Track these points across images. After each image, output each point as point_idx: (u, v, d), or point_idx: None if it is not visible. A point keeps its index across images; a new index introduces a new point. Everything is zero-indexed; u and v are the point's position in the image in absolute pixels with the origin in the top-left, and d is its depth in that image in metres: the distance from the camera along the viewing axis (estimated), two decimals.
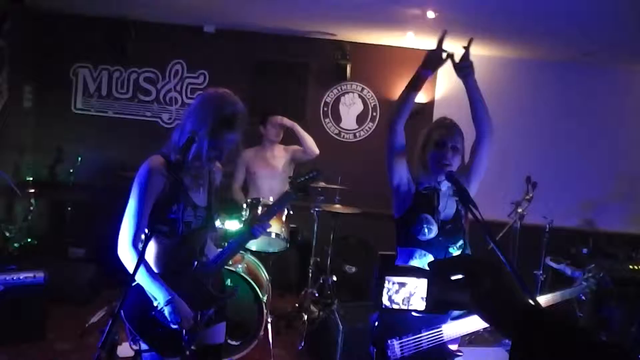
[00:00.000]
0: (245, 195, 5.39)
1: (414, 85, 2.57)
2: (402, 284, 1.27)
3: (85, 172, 5.95)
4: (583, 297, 2.94)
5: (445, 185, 2.67)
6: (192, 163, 2.34)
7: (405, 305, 1.27)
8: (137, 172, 2.33)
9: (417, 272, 1.26)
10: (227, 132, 2.33)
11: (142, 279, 2.28)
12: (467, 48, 2.70)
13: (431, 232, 2.56)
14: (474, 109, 2.69)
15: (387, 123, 2.64)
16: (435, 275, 1.21)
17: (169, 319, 2.28)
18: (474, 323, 2.57)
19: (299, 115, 6.00)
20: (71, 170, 5.75)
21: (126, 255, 2.27)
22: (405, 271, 1.28)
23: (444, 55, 2.56)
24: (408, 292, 1.27)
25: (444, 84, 6.22)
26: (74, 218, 5.83)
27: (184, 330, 2.31)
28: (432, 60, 2.55)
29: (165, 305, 2.26)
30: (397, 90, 6.14)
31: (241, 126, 2.37)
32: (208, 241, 2.58)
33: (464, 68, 2.65)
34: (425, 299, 1.25)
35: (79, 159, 5.82)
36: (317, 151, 5.28)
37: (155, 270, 2.35)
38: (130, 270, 2.20)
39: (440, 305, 1.23)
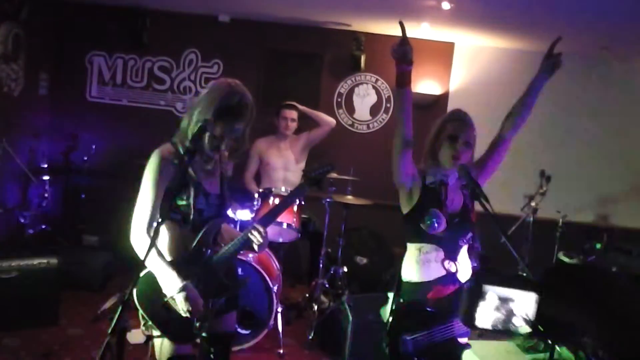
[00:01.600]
0: (258, 185, 5.41)
1: (400, 82, 2.55)
2: (505, 300, 0.97)
3: (99, 159, 5.99)
4: None
5: (452, 179, 2.65)
6: (200, 151, 2.35)
7: (504, 325, 0.95)
8: (148, 160, 2.35)
9: (522, 283, 0.97)
10: (231, 122, 2.33)
11: (154, 266, 2.30)
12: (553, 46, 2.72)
13: (440, 225, 2.55)
14: (523, 111, 2.72)
15: (395, 122, 2.60)
16: (547, 288, 0.88)
17: (180, 307, 2.29)
18: None
19: (312, 106, 5.99)
20: (85, 158, 5.79)
21: (139, 242, 2.29)
22: (509, 281, 0.98)
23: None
24: (509, 310, 0.95)
25: (459, 76, 6.17)
26: (88, 205, 5.88)
27: (195, 318, 2.31)
28: (402, 55, 2.49)
29: (177, 293, 2.27)
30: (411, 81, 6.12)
31: (246, 117, 2.37)
32: (221, 230, 2.58)
33: (558, 63, 2.71)
34: (530, 319, 0.93)
35: (94, 146, 5.86)
36: (333, 121, 5.57)
37: (168, 258, 2.36)
38: (144, 254, 2.20)
39: (552, 328, 0.91)
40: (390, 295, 2.67)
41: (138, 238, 2.29)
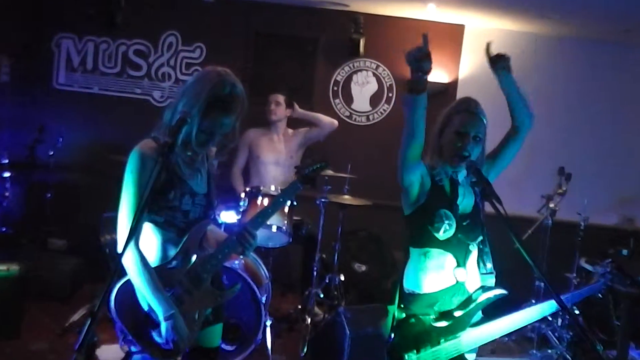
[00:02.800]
0: (246, 181, 5.41)
1: (414, 89, 2.40)
2: None
3: (67, 154, 5.97)
4: (600, 295, 2.96)
5: (461, 176, 2.66)
6: (182, 147, 2.36)
7: None
8: (126, 158, 2.35)
9: None
10: (221, 115, 2.34)
11: (143, 286, 2.30)
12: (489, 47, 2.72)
13: (451, 228, 2.56)
14: (514, 105, 2.72)
15: (405, 132, 2.51)
16: None
17: (165, 336, 2.31)
18: (495, 330, 2.58)
19: (305, 96, 5.99)
20: (52, 152, 5.77)
21: (128, 254, 2.28)
22: None
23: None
24: None
25: (470, 62, 6.19)
26: (55, 205, 5.86)
27: (176, 351, 2.34)
28: (419, 67, 2.39)
29: (165, 321, 2.29)
30: None
31: (237, 110, 2.38)
32: (208, 232, 2.60)
33: (504, 61, 2.64)
34: None
35: (61, 139, 5.84)
36: (334, 122, 5.56)
37: (150, 264, 2.37)
38: (133, 273, 2.25)
39: None
40: (392, 307, 2.68)
41: (126, 249, 2.28)
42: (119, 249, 2.31)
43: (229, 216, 4.49)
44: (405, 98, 2.40)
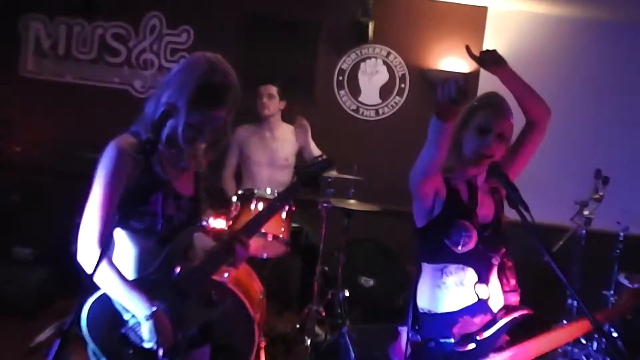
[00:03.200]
0: (238, 184, 5.41)
1: (442, 115, 2.31)
2: None
3: (36, 151, 5.98)
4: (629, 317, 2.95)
5: (481, 179, 2.66)
6: (167, 144, 2.35)
7: None
8: (101, 155, 2.34)
9: None
10: (211, 107, 2.34)
11: (113, 288, 2.30)
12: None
13: (471, 240, 2.55)
14: (521, 99, 2.71)
15: (425, 155, 2.48)
16: None
17: (145, 337, 2.30)
18: (522, 354, 2.58)
19: (306, 88, 5.99)
20: (18, 149, 5.78)
21: (90, 259, 2.27)
22: None
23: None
24: None
25: (493, 48, 6.17)
26: (21, 209, 5.87)
27: (160, 352, 2.33)
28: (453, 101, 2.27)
29: (145, 321, 2.28)
30: (433, 55, 6.15)
31: (230, 102, 2.38)
32: (194, 241, 2.60)
33: (491, 55, 2.65)
34: None
35: (29, 134, 5.85)
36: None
37: (129, 278, 2.37)
38: (95, 278, 2.19)
39: None
40: (404, 329, 2.68)
41: (89, 254, 2.28)
42: (81, 253, 2.29)
43: (218, 222, 4.49)
44: (432, 121, 2.37)
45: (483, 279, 2.60)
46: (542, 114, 2.72)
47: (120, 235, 2.40)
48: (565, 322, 4.84)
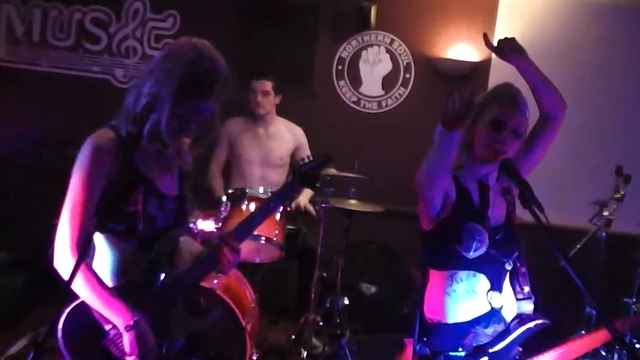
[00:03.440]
0: (227, 183, 5.40)
1: (448, 125, 2.34)
2: None
3: (9, 147, 5.97)
4: None
5: (493, 178, 2.66)
6: (149, 138, 2.35)
7: None
8: (79, 151, 2.34)
9: None
10: (199, 98, 2.34)
11: (92, 296, 2.30)
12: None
13: (483, 245, 2.55)
14: (535, 90, 2.70)
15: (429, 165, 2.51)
16: None
17: (127, 350, 2.30)
18: None
19: (303, 78, 5.98)
20: None
21: (67, 265, 2.27)
22: None
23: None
24: None
25: (505, 35, 6.17)
26: None
27: None
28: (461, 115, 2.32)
29: (127, 331, 2.28)
30: (440, 43, 6.14)
31: (218, 92, 2.37)
32: (180, 245, 2.59)
33: (510, 43, 2.63)
34: None
35: (2, 129, 5.84)
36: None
37: (109, 285, 2.37)
38: (72, 286, 2.18)
39: None
40: (410, 340, 2.68)
41: (66, 258, 2.28)
42: (57, 257, 2.29)
43: (206, 224, 4.49)
44: (439, 130, 2.37)
45: (496, 286, 2.60)
46: (559, 107, 2.71)
47: (99, 239, 2.40)
48: (583, 332, 4.84)
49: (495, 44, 2.73)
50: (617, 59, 6.16)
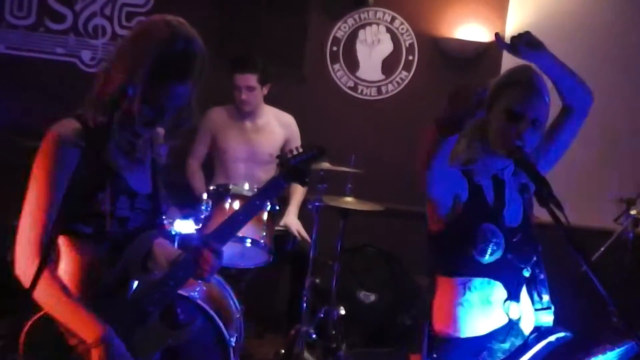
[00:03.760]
0: (208, 179, 5.40)
1: (447, 130, 2.35)
2: None
3: None
4: None
5: (508, 173, 2.66)
6: (121, 129, 2.35)
7: None
8: (40, 144, 2.33)
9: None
10: (173, 82, 2.33)
11: (56, 307, 2.29)
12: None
13: (499, 249, 2.55)
14: (557, 83, 2.70)
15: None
16: None
17: None
18: None
19: (293, 61, 5.98)
20: None
21: (28, 272, 2.25)
22: None
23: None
24: None
25: (520, 13, 6.18)
26: None
27: None
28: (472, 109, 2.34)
29: (95, 347, 2.27)
30: (446, 21, 6.15)
31: (195, 75, 2.37)
32: (154, 248, 2.59)
33: (525, 37, 2.62)
34: None
35: None
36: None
37: (75, 294, 2.36)
38: (34, 295, 2.17)
39: None
40: (417, 357, 2.68)
41: (28, 264, 2.27)
42: (18, 264, 2.29)
43: (184, 225, 4.48)
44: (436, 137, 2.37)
45: (513, 294, 2.61)
46: (584, 99, 2.72)
47: (64, 243, 2.39)
48: (608, 344, 4.85)
49: (508, 41, 2.67)
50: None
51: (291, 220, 5.25)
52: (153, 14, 5.88)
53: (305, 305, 4.94)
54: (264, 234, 4.52)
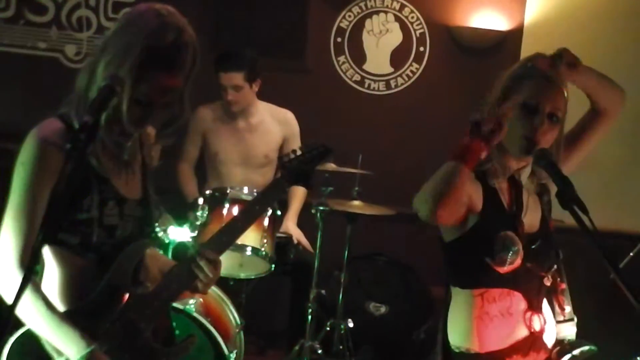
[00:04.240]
0: (201, 182, 5.40)
1: (464, 157, 2.45)
2: None
3: None
4: None
5: (525, 174, 2.66)
6: (108, 129, 2.35)
7: None
8: (21, 146, 2.34)
9: None
10: (163, 75, 2.33)
11: (39, 322, 2.30)
12: None
13: (518, 257, 2.55)
14: (593, 93, 2.72)
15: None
16: None
17: None
18: None
19: (294, 53, 5.99)
20: None
21: (10, 286, 2.27)
22: None
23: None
24: None
25: (539, 1, 6.19)
26: None
27: None
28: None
29: None
30: (461, 9, 6.15)
31: (186, 68, 2.37)
32: (146, 259, 2.60)
33: (563, 57, 2.63)
34: None
35: None
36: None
37: (60, 308, 2.37)
38: (17, 310, 2.15)
39: None
40: None
41: (8, 278, 2.28)
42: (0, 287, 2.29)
43: (179, 233, 4.49)
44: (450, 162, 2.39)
45: (534, 305, 2.61)
46: (616, 101, 2.73)
47: (48, 254, 2.39)
48: (639, 358, 4.85)
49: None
50: None
51: (290, 227, 5.25)
52: (141, 3, 5.96)
53: (309, 318, 4.95)
54: (265, 241, 4.52)
